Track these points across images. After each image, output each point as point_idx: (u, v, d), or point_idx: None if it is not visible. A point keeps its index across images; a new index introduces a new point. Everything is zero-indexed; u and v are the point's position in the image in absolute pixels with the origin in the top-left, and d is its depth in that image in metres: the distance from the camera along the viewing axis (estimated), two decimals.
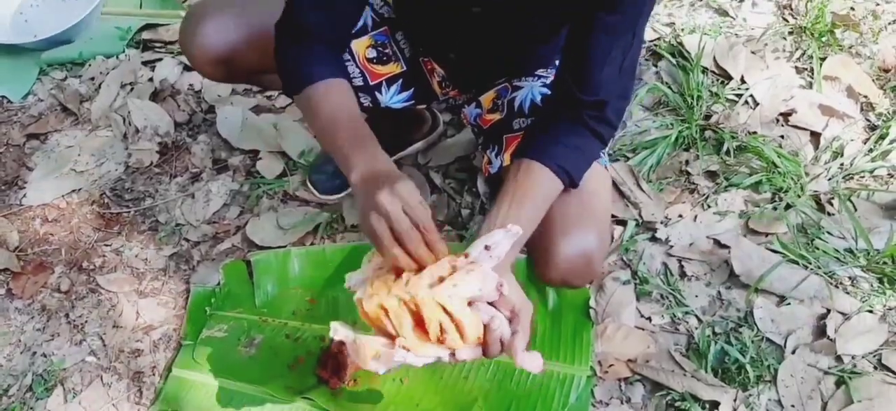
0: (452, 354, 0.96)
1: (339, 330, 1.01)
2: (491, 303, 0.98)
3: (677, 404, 1.35)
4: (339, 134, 1.10)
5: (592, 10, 1.05)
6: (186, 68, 2.10)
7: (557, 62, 1.37)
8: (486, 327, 0.96)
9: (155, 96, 2.04)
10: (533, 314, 1.01)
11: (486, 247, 0.98)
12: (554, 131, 1.13)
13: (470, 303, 0.95)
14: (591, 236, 1.17)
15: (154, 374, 1.51)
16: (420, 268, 0.97)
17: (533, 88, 1.35)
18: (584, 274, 1.20)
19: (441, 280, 0.95)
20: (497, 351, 0.97)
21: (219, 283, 1.62)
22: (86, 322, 1.60)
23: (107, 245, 1.74)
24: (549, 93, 1.33)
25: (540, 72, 1.39)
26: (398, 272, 0.99)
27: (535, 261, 1.19)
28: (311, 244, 1.69)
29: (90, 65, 2.14)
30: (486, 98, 1.43)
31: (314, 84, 1.14)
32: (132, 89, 2.07)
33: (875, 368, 1.37)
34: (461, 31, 1.28)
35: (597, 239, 1.18)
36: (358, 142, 1.09)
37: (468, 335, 0.94)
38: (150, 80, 2.09)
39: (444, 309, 0.93)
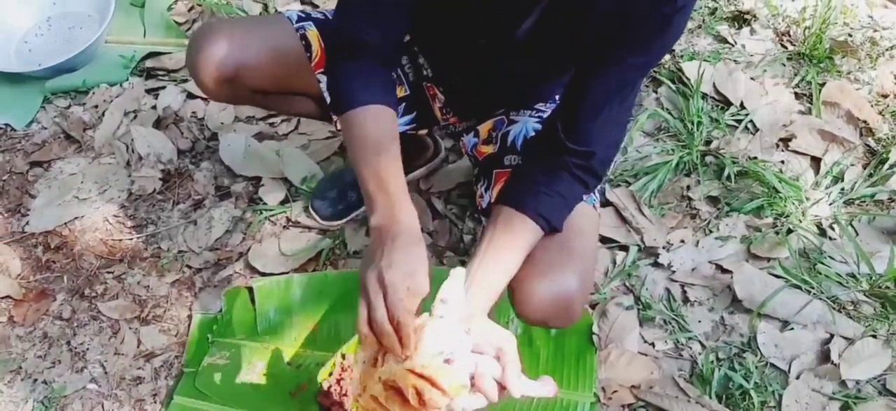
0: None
1: None
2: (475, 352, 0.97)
3: None
4: (367, 168, 1.08)
5: (618, 53, 1.05)
6: (190, 96, 2.11)
7: (558, 98, 1.38)
8: (474, 376, 0.95)
9: (158, 124, 2.05)
10: (517, 344, 0.98)
11: (442, 301, 0.97)
12: (535, 178, 1.12)
13: (448, 361, 0.94)
14: (572, 279, 1.13)
15: (155, 402, 1.51)
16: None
17: (527, 124, 1.34)
18: (564, 316, 1.16)
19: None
20: (494, 393, 0.95)
21: (221, 310, 1.62)
22: (87, 349, 1.60)
23: (109, 272, 1.74)
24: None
25: (539, 106, 1.39)
26: (375, 359, 0.99)
27: (515, 300, 1.15)
28: (314, 270, 1.69)
29: (94, 93, 2.15)
30: (484, 128, 1.44)
31: (355, 109, 1.12)
32: (135, 117, 2.08)
33: (880, 393, 1.37)
34: (466, 60, 1.29)
35: (578, 281, 1.14)
36: (382, 183, 1.06)
37: (445, 387, 0.92)
38: (154, 107, 2.10)
39: (418, 374, 0.92)
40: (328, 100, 1.38)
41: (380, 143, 1.10)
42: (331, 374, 1.36)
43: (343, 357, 1.38)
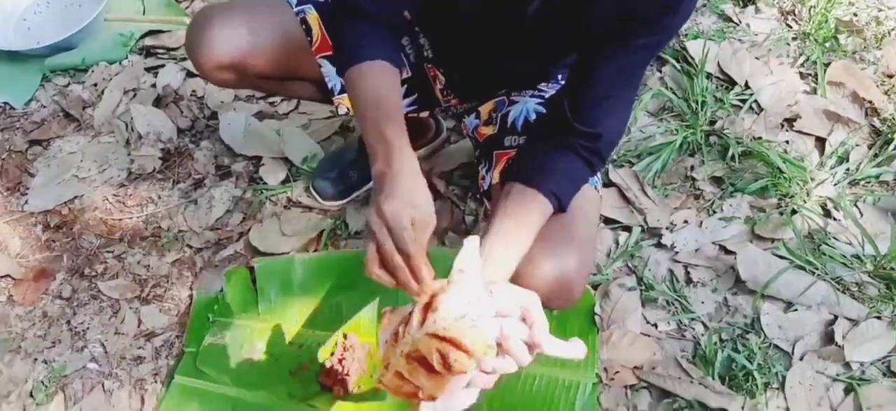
0: (485, 374, 0.91)
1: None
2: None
3: None
4: (367, 119, 1.07)
5: (626, 34, 1.04)
6: (189, 74, 2.09)
7: (560, 77, 1.37)
8: (501, 340, 0.92)
9: (158, 102, 2.04)
10: (540, 301, 0.96)
11: (459, 271, 0.95)
12: (546, 156, 1.12)
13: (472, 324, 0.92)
14: (572, 260, 1.13)
15: (156, 381, 1.50)
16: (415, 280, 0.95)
17: (527, 105, 1.33)
18: (563, 297, 1.16)
19: (422, 322, 0.92)
20: (524, 354, 0.92)
21: (222, 290, 1.61)
22: (87, 328, 1.60)
23: (109, 251, 1.73)
24: (544, 111, 1.31)
25: (541, 86, 1.37)
26: (395, 335, 0.96)
27: (514, 281, 1.12)
28: (315, 250, 1.68)
29: (93, 71, 2.13)
30: (485, 109, 1.42)
31: (359, 64, 1.11)
32: (135, 95, 2.07)
33: (884, 375, 1.36)
34: (468, 42, 1.27)
35: (577, 262, 1.14)
36: (382, 132, 1.05)
37: (471, 348, 0.89)
38: (153, 86, 2.08)
39: (441, 338, 0.89)
40: (329, 82, 1.37)
41: (381, 96, 1.09)
42: (332, 354, 1.35)
43: (345, 336, 1.37)
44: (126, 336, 1.57)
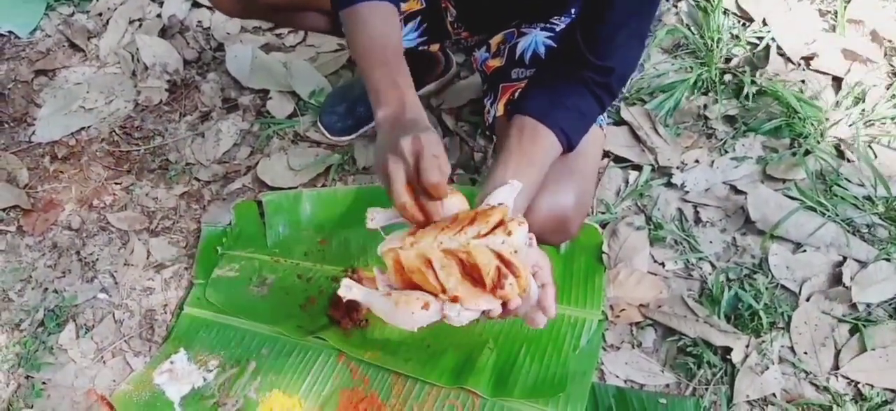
0: (504, 305, 0.91)
1: (352, 289, 0.97)
2: None
3: (689, 349, 1.34)
4: (374, 65, 1.05)
5: None
6: (195, 4, 2.06)
7: (574, 11, 1.33)
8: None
9: (163, 33, 2.01)
10: (552, 266, 0.98)
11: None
12: (558, 91, 1.10)
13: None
14: (570, 196, 1.13)
15: (166, 312, 1.52)
16: (427, 221, 0.94)
17: (536, 38, 1.30)
18: (559, 233, 1.16)
19: (482, 233, 0.90)
20: (528, 307, 0.94)
21: (230, 223, 1.62)
22: (97, 260, 1.61)
23: (117, 183, 1.73)
24: (554, 46, 1.29)
25: (553, 19, 1.34)
26: (415, 232, 0.95)
27: None
28: (323, 185, 1.68)
29: (97, 0, 2.10)
30: (495, 41, 1.40)
31: (359, 4, 1.08)
32: (140, 25, 2.04)
33: (890, 317, 1.36)
34: None
35: (575, 199, 1.14)
36: (391, 78, 1.03)
37: (524, 283, 0.89)
38: (158, 16, 2.05)
39: (504, 259, 0.89)
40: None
41: (386, 37, 1.07)
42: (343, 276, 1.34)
43: (353, 270, 1.39)
44: (136, 267, 1.58)
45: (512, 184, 0.99)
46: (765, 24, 1.84)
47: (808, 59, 1.77)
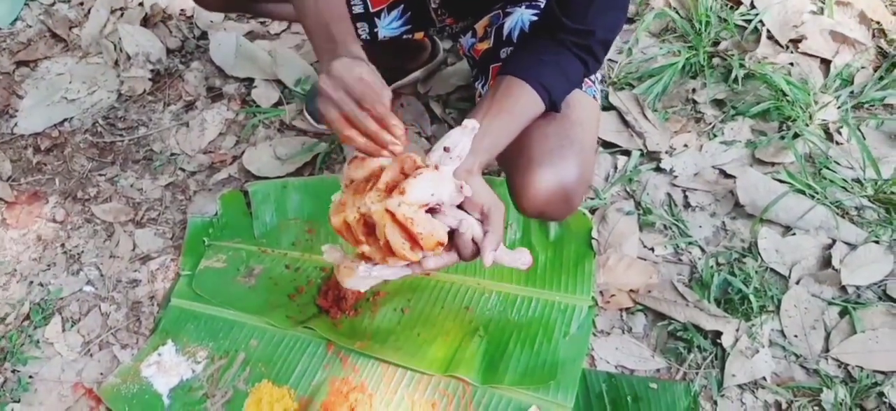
0: (418, 263, 0.94)
1: (329, 252, 1.02)
2: (460, 206, 0.96)
3: (679, 334, 1.34)
4: (311, 22, 1.04)
5: None
6: None
7: None
8: (455, 231, 0.95)
9: (146, 22, 1.98)
10: (505, 213, 0.99)
11: (445, 149, 0.95)
12: (537, 48, 1.09)
13: (433, 210, 0.93)
14: (572, 168, 1.11)
15: (152, 304, 1.50)
16: (381, 148, 0.93)
17: (522, 16, 1.29)
18: (562, 207, 1.14)
19: (393, 187, 0.91)
20: (470, 253, 0.97)
21: (216, 213, 1.60)
22: (82, 252, 1.59)
23: (101, 174, 1.71)
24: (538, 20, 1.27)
25: None
26: (369, 181, 0.96)
27: (513, 191, 1.14)
28: (310, 174, 1.66)
29: None
30: (481, 25, 1.38)
31: None
32: (122, 14, 2.01)
33: (880, 299, 1.36)
34: None
35: (577, 171, 1.12)
36: (329, 32, 1.02)
37: (423, 243, 0.91)
38: (141, 4, 2.02)
39: (396, 220, 0.90)
40: None
41: (331, 8, 1.05)
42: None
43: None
44: (121, 259, 1.57)
45: (464, 125, 0.98)
46: (753, 6, 1.83)
47: (796, 42, 1.76)
